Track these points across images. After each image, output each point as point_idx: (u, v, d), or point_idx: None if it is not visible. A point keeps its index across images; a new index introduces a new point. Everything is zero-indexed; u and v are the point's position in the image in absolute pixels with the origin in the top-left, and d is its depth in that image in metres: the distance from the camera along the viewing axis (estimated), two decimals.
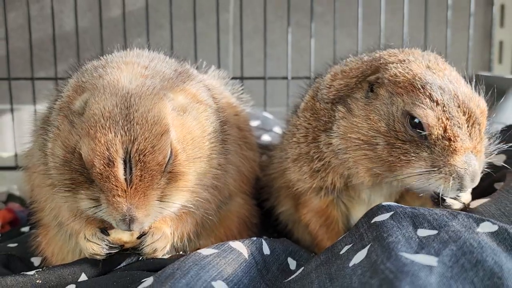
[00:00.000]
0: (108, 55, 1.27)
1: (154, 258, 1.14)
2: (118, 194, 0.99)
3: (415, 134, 1.07)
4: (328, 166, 1.22)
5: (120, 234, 1.11)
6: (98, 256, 1.11)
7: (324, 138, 1.21)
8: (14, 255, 1.37)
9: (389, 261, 0.83)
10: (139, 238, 1.12)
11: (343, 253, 1.01)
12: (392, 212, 1.02)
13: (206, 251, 1.06)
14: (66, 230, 1.24)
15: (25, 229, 1.65)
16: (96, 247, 1.10)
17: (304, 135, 1.27)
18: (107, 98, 1.03)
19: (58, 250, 1.30)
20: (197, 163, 1.12)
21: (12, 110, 2.34)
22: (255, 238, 1.18)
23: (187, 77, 1.24)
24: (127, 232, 1.08)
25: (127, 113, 1.01)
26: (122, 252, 1.14)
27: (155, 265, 1.11)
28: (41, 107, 1.43)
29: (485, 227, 0.93)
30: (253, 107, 1.72)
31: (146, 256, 1.14)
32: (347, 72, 1.22)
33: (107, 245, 1.10)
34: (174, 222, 1.18)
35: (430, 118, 1.04)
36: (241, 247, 1.11)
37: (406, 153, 1.07)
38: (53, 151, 1.09)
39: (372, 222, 1.03)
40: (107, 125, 0.99)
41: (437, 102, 1.05)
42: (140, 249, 1.12)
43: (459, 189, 1.06)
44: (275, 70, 2.51)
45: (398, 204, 1.08)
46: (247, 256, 1.09)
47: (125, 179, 0.99)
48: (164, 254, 1.16)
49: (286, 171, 1.33)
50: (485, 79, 1.18)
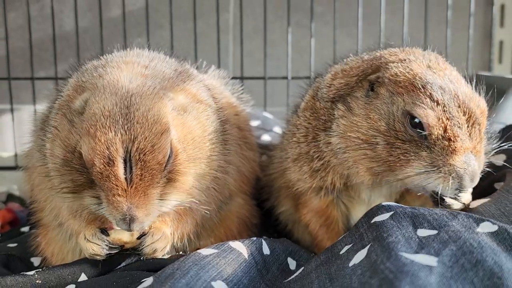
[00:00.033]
0: (108, 54, 1.27)
1: (154, 258, 1.14)
2: (118, 193, 0.99)
3: (415, 133, 1.06)
4: (328, 166, 1.22)
5: (120, 234, 1.11)
6: (98, 257, 1.11)
7: (324, 137, 1.20)
8: (14, 255, 1.37)
9: (389, 261, 0.83)
10: (139, 238, 1.12)
11: (343, 253, 1.01)
12: (392, 212, 1.02)
13: (206, 251, 1.06)
14: (66, 230, 1.24)
15: (25, 229, 1.65)
16: (96, 248, 1.10)
17: (304, 135, 1.26)
18: (107, 97, 1.03)
19: (58, 250, 1.30)
20: (197, 163, 1.12)
21: (12, 110, 2.34)
22: (255, 238, 1.18)
23: (187, 76, 1.23)
24: (127, 232, 1.08)
25: (127, 112, 1.01)
26: (122, 252, 1.14)
27: (155, 265, 1.11)
28: (41, 107, 1.43)
29: (485, 227, 0.93)
30: (253, 107, 1.72)
31: (146, 256, 1.14)
32: (347, 71, 1.22)
33: (107, 245, 1.10)
34: (174, 223, 1.18)
35: (430, 118, 1.04)
36: (241, 247, 1.11)
37: (406, 152, 1.07)
38: (52, 151, 1.09)
39: (372, 222, 1.03)
40: (107, 124, 0.99)
41: (437, 102, 1.05)
42: (140, 249, 1.12)
43: (458, 188, 1.06)
44: (275, 70, 2.50)
45: (398, 204, 1.07)
46: (247, 256, 1.08)
47: (125, 178, 0.99)
48: (164, 255, 1.15)
49: (286, 171, 1.33)
50: (485, 79, 1.18)
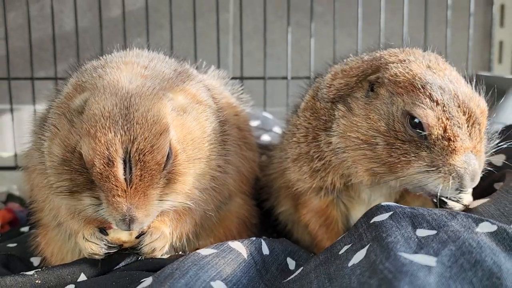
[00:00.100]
0: (107, 55, 1.27)
1: (153, 258, 1.14)
2: (118, 194, 0.99)
3: (415, 134, 1.06)
4: (329, 166, 1.22)
5: (119, 233, 1.11)
6: (97, 256, 1.11)
7: (324, 137, 1.20)
8: (14, 255, 1.37)
9: (388, 261, 0.83)
10: (137, 237, 1.12)
11: (342, 253, 1.01)
12: (391, 212, 1.02)
13: (205, 251, 1.06)
14: (65, 230, 1.23)
15: (24, 229, 1.65)
16: (94, 247, 1.10)
17: (304, 135, 1.26)
18: (107, 98, 1.03)
19: (58, 250, 1.30)
20: (197, 163, 1.12)
21: (12, 110, 2.34)
22: (254, 238, 1.18)
23: (186, 77, 1.23)
24: (126, 231, 1.08)
25: (127, 112, 1.01)
26: (120, 252, 1.14)
27: (154, 265, 1.11)
28: (41, 107, 1.43)
29: (484, 227, 0.93)
30: (253, 107, 1.72)
31: (145, 255, 1.14)
32: (347, 71, 1.22)
33: (106, 244, 1.10)
34: (173, 222, 1.18)
35: (430, 118, 1.04)
36: (240, 247, 1.11)
37: (406, 153, 1.07)
38: (50, 150, 1.08)
39: (371, 222, 1.03)
40: (107, 124, 0.99)
41: (437, 102, 1.05)
42: (139, 248, 1.12)
43: (459, 188, 1.06)
44: (275, 70, 2.50)
45: (397, 204, 1.07)
46: (246, 256, 1.08)
47: (125, 179, 0.99)
48: (162, 254, 1.15)
49: (286, 171, 1.33)
50: (485, 79, 1.18)
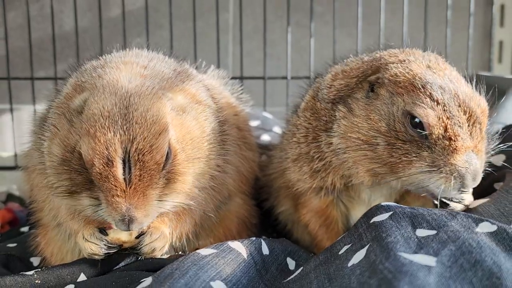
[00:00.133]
0: (107, 55, 1.27)
1: (153, 258, 1.14)
2: (117, 194, 0.99)
3: (416, 134, 1.06)
4: (329, 166, 1.21)
5: (119, 233, 1.11)
6: (97, 256, 1.11)
7: (325, 138, 1.20)
8: (14, 255, 1.37)
9: (387, 261, 0.83)
10: (137, 237, 1.12)
11: (342, 253, 1.01)
12: (391, 212, 1.02)
13: (205, 251, 1.06)
14: (65, 230, 1.23)
15: (24, 229, 1.66)
16: (94, 247, 1.10)
17: (305, 135, 1.26)
18: (106, 97, 1.03)
19: (57, 250, 1.30)
20: (196, 163, 1.12)
21: (11, 110, 2.34)
22: (254, 238, 1.17)
23: (186, 77, 1.23)
24: (126, 231, 1.08)
25: (126, 112, 1.01)
26: (120, 252, 1.14)
27: (154, 265, 1.11)
28: (40, 107, 1.43)
29: (484, 227, 0.92)
30: (252, 107, 1.72)
31: (145, 255, 1.13)
32: (347, 72, 1.22)
33: (106, 245, 1.10)
34: (172, 222, 1.18)
35: (430, 117, 1.04)
36: (240, 247, 1.11)
37: (407, 153, 1.07)
38: (50, 150, 1.08)
39: (371, 222, 1.03)
40: (106, 124, 0.99)
41: (437, 102, 1.05)
42: (139, 248, 1.12)
43: (461, 188, 1.06)
44: (275, 70, 2.50)
45: (397, 204, 1.07)
46: (246, 256, 1.08)
47: (124, 179, 0.99)
48: (162, 254, 1.15)
49: (286, 171, 1.33)
50: (485, 79, 1.18)
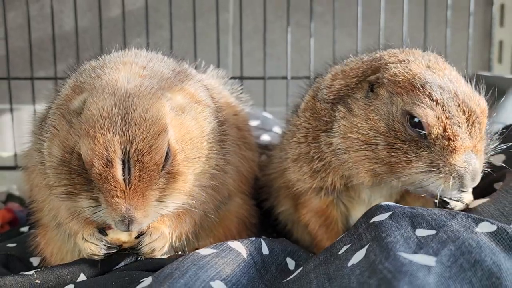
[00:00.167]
0: (106, 55, 1.27)
1: (152, 258, 1.14)
2: (117, 195, 0.99)
3: (415, 133, 1.06)
4: (329, 167, 1.21)
5: (118, 234, 1.11)
6: (96, 257, 1.11)
7: (325, 138, 1.20)
8: (13, 255, 1.37)
9: (387, 261, 0.83)
10: (137, 238, 1.12)
11: (341, 253, 1.01)
12: (390, 212, 1.02)
13: (204, 251, 1.06)
14: (64, 230, 1.23)
15: (24, 229, 1.66)
16: (94, 247, 1.10)
17: (305, 135, 1.26)
18: (105, 98, 1.03)
19: (57, 250, 1.30)
20: (195, 163, 1.11)
21: (11, 110, 2.34)
22: (254, 238, 1.17)
23: (185, 76, 1.23)
24: (125, 232, 1.08)
25: (125, 113, 1.01)
26: (120, 252, 1.14)
27: (154, 265, 1.11)
28: (40, 107, 1.43)
29: (483, 227, 0.92)
30: (252, 107, 1.72)
31: (144, 256, 1.13)
32: (347, 72, 1.22)
33: (105, 245, 1.10)
34: (172, 222, 1.18)
35: (429, 117, 1.04)
36: (239, 247, 1.11)
37: (407, 153, 1.07)
38: (50, 151, 1.08)
39: (371, 222, 1.03)
40: (106, 125, 0.99)
41: (436, 102, 1.05)
42: (138, 249, 1.12)
43: (460, 188, 1.06)
44: (275, 70, 2.50)
45: (397, 204, 1.07)
46: (245, 256, 1.08)
47: (123, 180, 0.99)
48: (162, 254, 1.15)
49: (286, 171, 1.33)
50: (484, 78, 1.18)
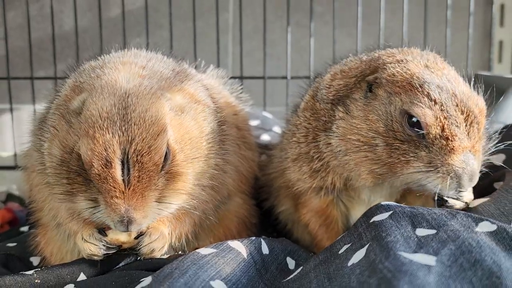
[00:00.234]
0: (105, 55, 1.27)
1: (152, 258, 1.13)
2: (116, 195, 0.99)
3: (413, 133, 1.06)
4: (328, 166, 1.21)
5: (118, 234, 1.10)
6: (96, 257, 1.11)
7: (324, 138, 1.20)
8: (13, 254, 1.37)
9: (387, 260, 0.83)
10: (136, 238, 1.12)
11: (341, 252, 1.01)
12: (391, 212, 1.02)
13: (204, 251, 1.06)
14: (64, 230, 1.23)
15: (24, 228, 1.66)
16: (93, 248, 1.10)
17: (304, 135, 1.26)
18: (105, 98, 1.03)
19: (57, 250, 1.30)
20: (195, 163, 1.11)
21: (11, 110, 2.34)
22: (254, 238, 1.17)
23: (185, 76, 1.23)
24: (125, 232, 1.08)
25: (125, 113, 1.01)
26: (119, 252, 1.13)
27: (154, 264, 1.11)
28: (40, 107, 1.43)
29: (484, 227, 0.92)
30: (252, 107, 1.72)
31: (144, 256, 1.13)
32: (346, 72, 1.22)
33: (105, 245, 1.10)
34: (172, 223, 1.18)
35: (428, 117, 1.04)
36: (240, 247, 1.10)
37: (405, 153, 1.07)
38: (50, 151, 1.08)
39: (371, 221, 1.03)
40: (105, 125, 0.99)
41: (435, 101, 1.05)
42: (138, 249, 1.12)
43: (457, 188, 1.06)
44: (275, 69, 2.50)
45: (397, 204, 1.07)
46: (245, 255, 1.08)
47: (122, 180, 0.99)
48: (162, 255, 1.15)
49: (285, 171, 1.33)
50: (484, 78, 1.18)
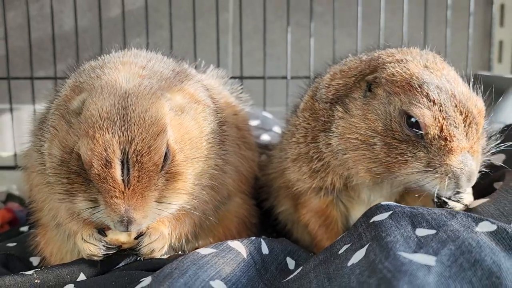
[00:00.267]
0: (105, 55, 1.27)
1: (152, 258, 1.13)
2: (115, 195, 0.99)
3: (412, 133, 1.06)
4: (328, 167, 1.21)
5: (118, 234, 1.10)
6: (95, 257, 1.11)
7: (324, 138, 1.20)
8: (13, 254, 1.37)
9: (387, 260, 0.83)
10: (136, 238, 1.12)
11: (341, 252, 1.01)
12: (390, 212, 1.02)
13: (204, 251, 1.06)
14: (64, 230, 1.23)
15: (24, 228, 1.66)
16: (93, 248, 1.10)
17: (304, 135, 1.26)
18: (104, 98, 1.03)
19: (57, 250, 1.30)
20: (195, 163, 1.11)
21: (11, 110, 2.34)
22: (253, 238, 1.17)
23: (185, 76, 1.23)
24: (125, 232, 1.08)
25: (124, 113, 1.01)
26: (119, 252, 1.13)
27: (154, 264, 1.11)
28: (40, 107, 1.43)
29: (483, 227, 0.92)
30: (252, 107, 1.72)
31: (144, 256, 1.13)
32: (345, 72, 1.22)
33: (104, 245, 1.10)
34: (171, 223, 1.18)
35: (426, 117, 1.04)
36: (239, 247, 1.11)
37: (403, 153, 1.07)
38: (50, 151, 1.08)
39: (371, 221, 1.03)
40: (105, 125, 0.99)
41: (434, 102, 1.05)
42: (138, 249, 1.12)
43: (455, 189, 1.06)
44: (275, 69, 2.50)
45: (397, 204, 1.07)
46: (245, 255, 1.08)
47: (122, 180, 0.99)
48: (162, 255, 1.15)
49: (285, 171, 1.33)
50: (484, 78, 1.18)
